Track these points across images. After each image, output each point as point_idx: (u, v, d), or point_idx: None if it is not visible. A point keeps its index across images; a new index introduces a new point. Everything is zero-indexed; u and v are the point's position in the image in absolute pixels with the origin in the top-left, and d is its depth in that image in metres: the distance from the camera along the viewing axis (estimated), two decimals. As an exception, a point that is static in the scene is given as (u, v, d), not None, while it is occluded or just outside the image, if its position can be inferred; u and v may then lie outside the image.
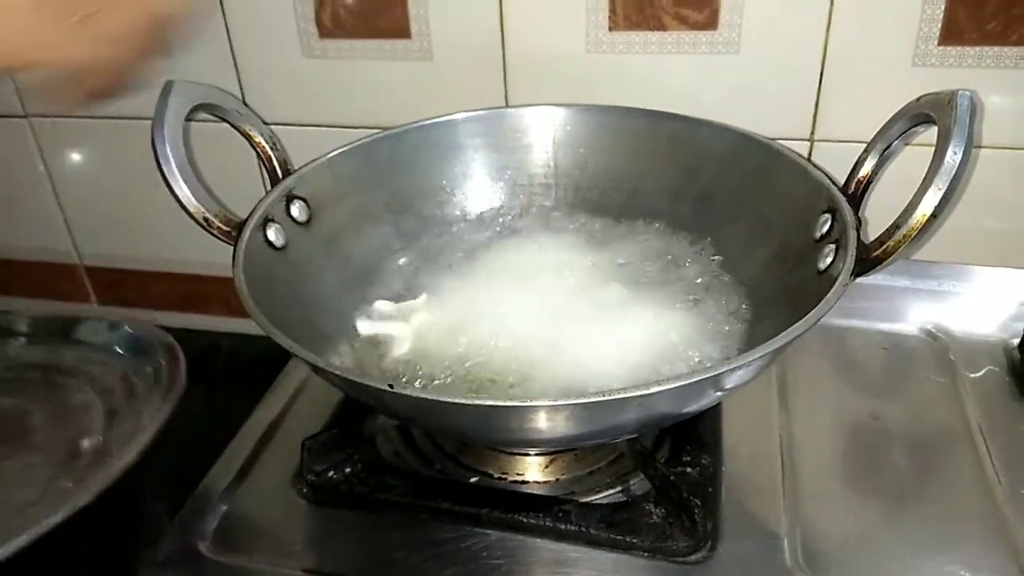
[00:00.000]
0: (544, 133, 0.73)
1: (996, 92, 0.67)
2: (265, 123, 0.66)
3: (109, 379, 0.80)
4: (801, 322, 0.46)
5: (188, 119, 0.59)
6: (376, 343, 0.62)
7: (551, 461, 0.61)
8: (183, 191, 0.56)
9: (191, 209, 0.57)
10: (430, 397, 0.44)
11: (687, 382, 0.43)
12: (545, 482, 0.60)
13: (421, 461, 0.62)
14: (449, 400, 0.44)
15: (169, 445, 0.82)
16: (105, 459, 0.68)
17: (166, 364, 0.79)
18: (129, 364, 0.81)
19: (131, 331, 0.84)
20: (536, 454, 0.61)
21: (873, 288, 0.74)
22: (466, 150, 0.73)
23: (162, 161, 0.56)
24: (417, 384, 0.57)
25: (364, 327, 0.64)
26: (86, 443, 0.72)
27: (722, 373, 0.45)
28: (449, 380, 0.57)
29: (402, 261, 0.70)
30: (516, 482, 0.60)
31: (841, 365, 0.71)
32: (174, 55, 0.81)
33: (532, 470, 0.61)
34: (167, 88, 0.58)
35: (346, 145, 0.68)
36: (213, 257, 0.82)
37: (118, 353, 0.83)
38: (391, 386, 0.44)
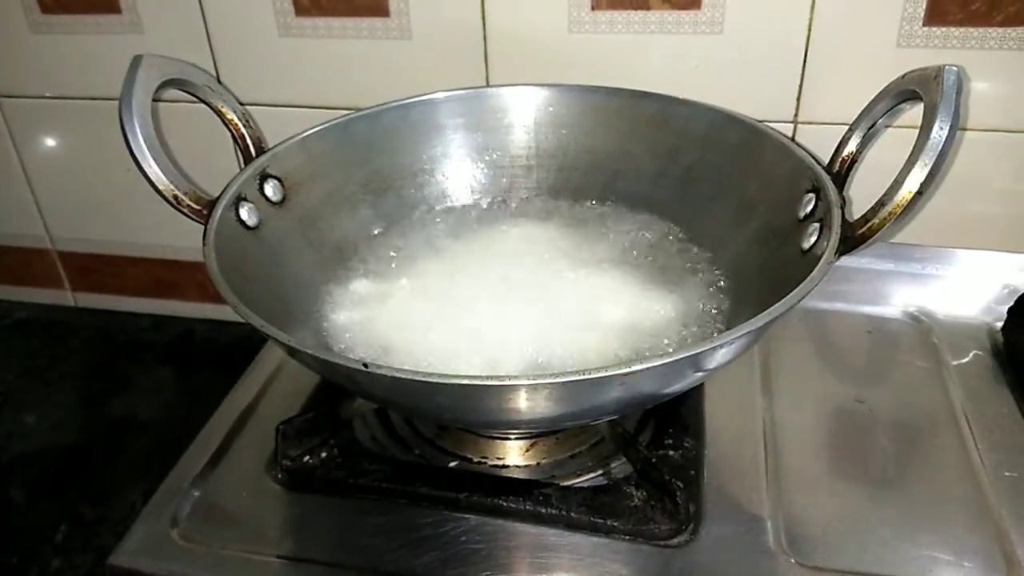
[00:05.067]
0: (525, 113, 0.72)
1: (981, 73, 0.67)
2: (240, 103, 0.64)
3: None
4: (784, 300, 0.45)
5: (160, 98, 0.57)
6: (353, 325, 0.61)
7: (532, 445, 0.60)
8: (152, 168, 0.55)
9: (160, 187, 0.55)
10: (406, 376, 0.43)
11: (668, 360, 0.42)
12: (525, 466, 0.59)
13: (399, 445, 0.61)
14: (426, 379, 0.43)
15: (142, 431, 0.81)
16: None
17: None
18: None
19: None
20: (516, 437, 0.60)
21: (857, 271, 0.73)
22: (446, 130, 0.72)
23: (130, 137, 0.54)
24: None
25: (341, 308, 0.62)
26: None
27: (703, 352, 0.44)
28: (427, 362, 0.56)
29: (380, 243, 0.69)
30: (496, 466, 0.59)
31: (825, 348, 0.70)
32: (145, 31, 0.79)
33: (512, 454, 0.60)
34: (135, 62, 0.56)
35: (321, 124, 0.67)
36: (188, 242, 0.81)
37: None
38: (366, 365, 0.43)
